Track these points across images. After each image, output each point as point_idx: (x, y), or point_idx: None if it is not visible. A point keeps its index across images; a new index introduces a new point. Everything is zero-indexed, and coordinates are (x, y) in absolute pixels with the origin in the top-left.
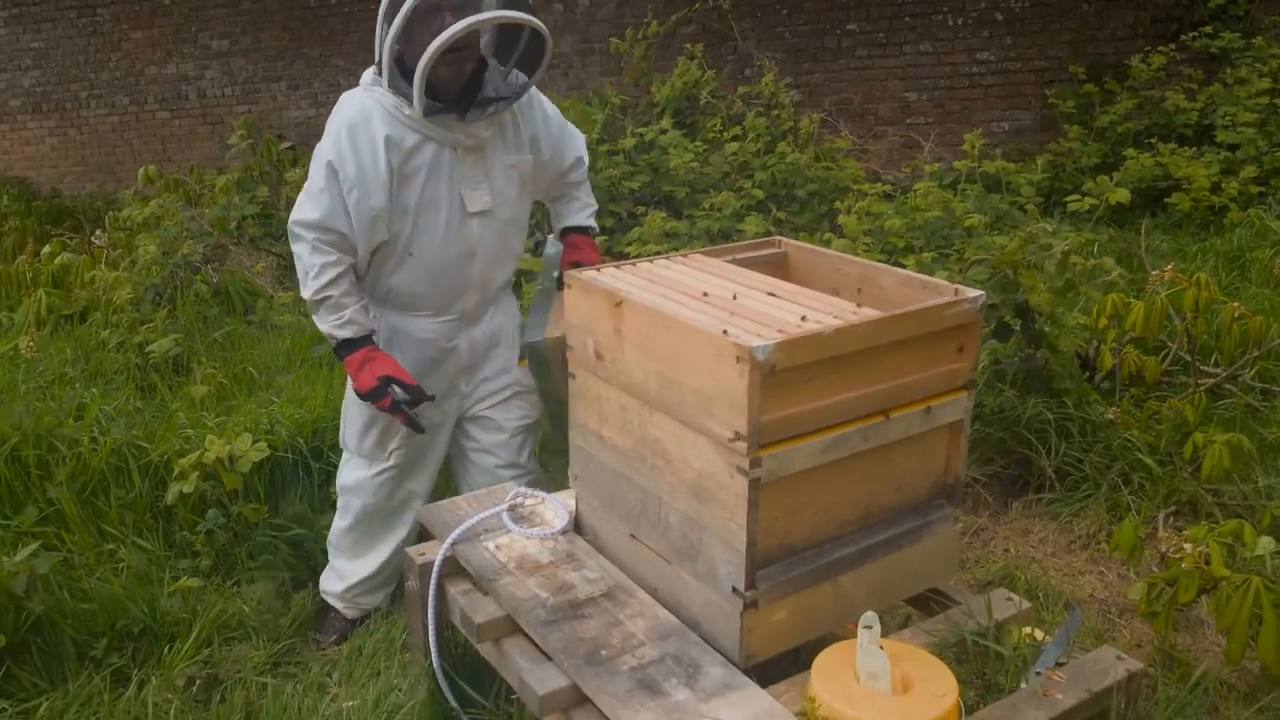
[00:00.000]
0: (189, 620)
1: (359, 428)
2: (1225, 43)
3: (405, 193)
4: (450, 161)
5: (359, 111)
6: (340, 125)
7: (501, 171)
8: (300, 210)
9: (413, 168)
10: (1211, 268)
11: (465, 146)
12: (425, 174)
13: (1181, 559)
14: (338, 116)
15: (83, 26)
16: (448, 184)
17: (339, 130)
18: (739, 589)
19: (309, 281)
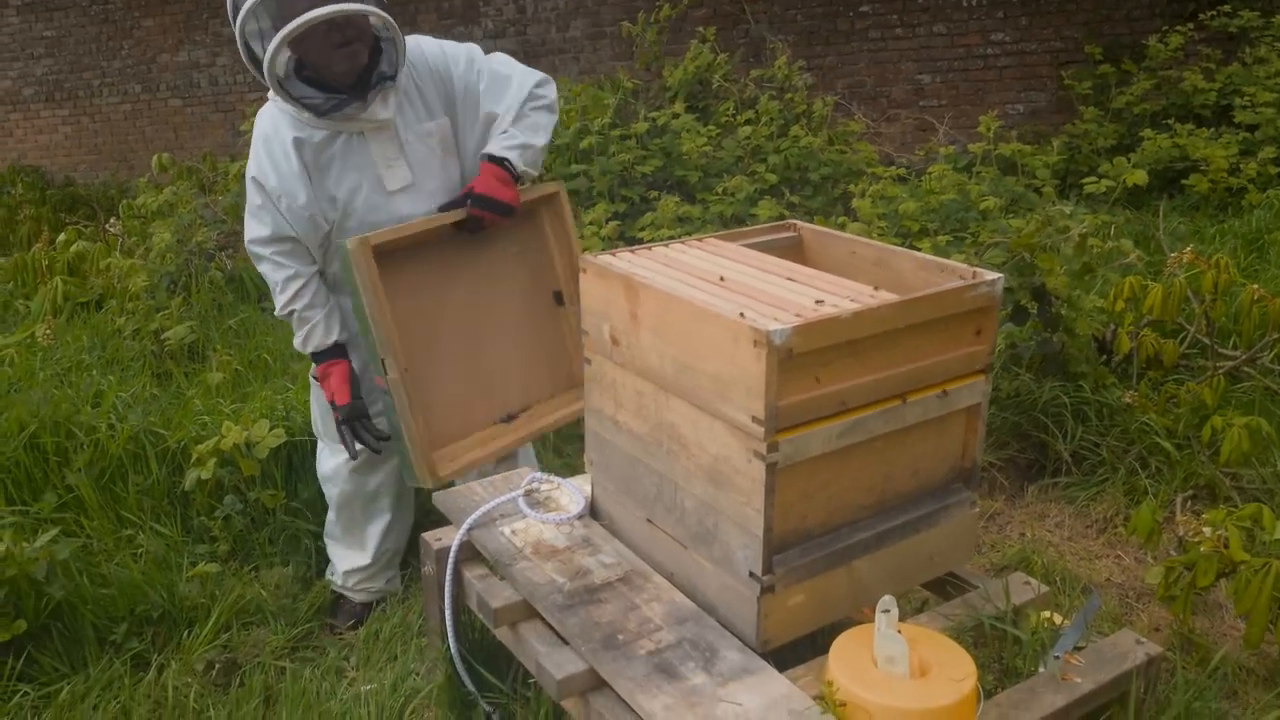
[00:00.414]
0: (207, 605)
1: (320, 414)
2: (1244, 22)
3: (326, 184)
4: (359, 145)
5: (269, 123)
6: (257, 141)
7: (418, 142)
8: (250, 230)
9: (326, 159)
10: (1230, 249)
11: (373, 128)
12: (339, 163)
13: (1200, 543)
14: (254, 133)
15: (95, 14)
16: (361, 168)
17: (256, 147)
18: (756, 573)
19: (276, 298)
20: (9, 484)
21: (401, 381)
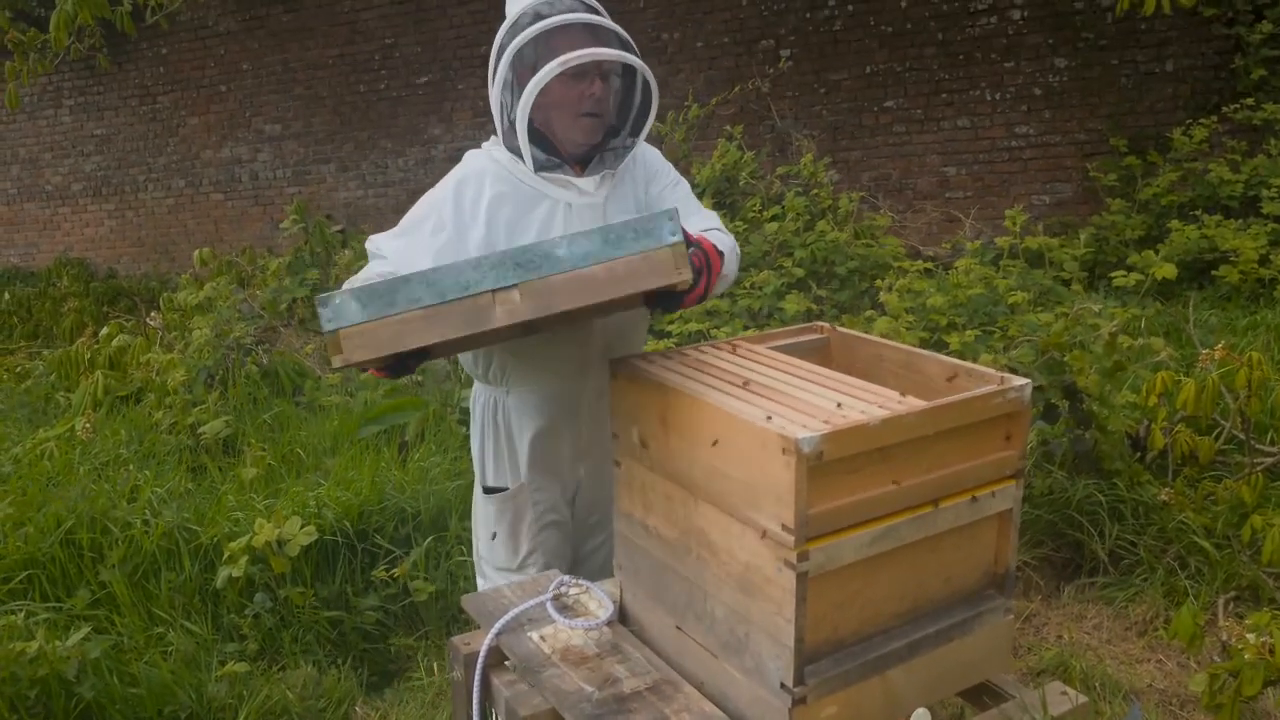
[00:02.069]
0: (235, 706)
1: (486, 536)
2: (1268, 114)
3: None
4: (565, 218)
5: (472, 168)
6: (452, 177)
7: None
8: (381, 236)
9: (526, 223)
10: (1263, 342)
11: (581, 203)
12: (538, 230)
13: (1244, 649)
14: (453, 172)
15: (143, 114)
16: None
17: (449, 181)
18: (787, 685)
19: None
20: (44, 580)
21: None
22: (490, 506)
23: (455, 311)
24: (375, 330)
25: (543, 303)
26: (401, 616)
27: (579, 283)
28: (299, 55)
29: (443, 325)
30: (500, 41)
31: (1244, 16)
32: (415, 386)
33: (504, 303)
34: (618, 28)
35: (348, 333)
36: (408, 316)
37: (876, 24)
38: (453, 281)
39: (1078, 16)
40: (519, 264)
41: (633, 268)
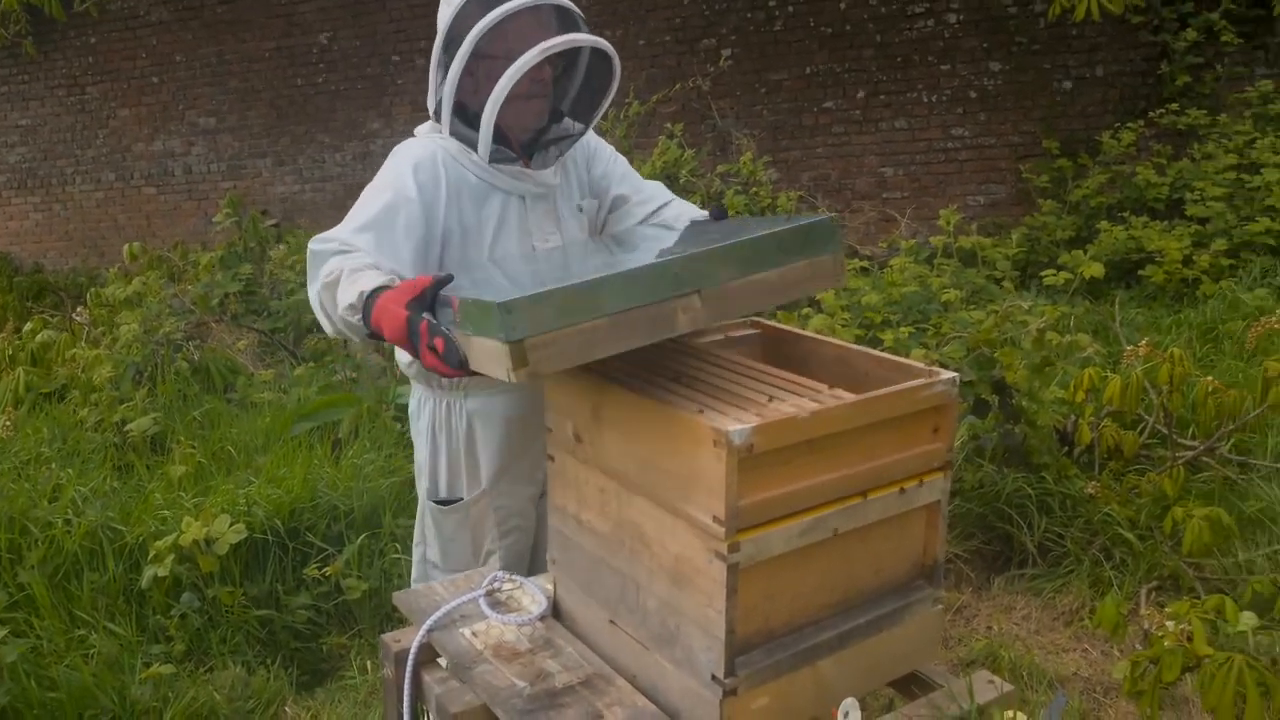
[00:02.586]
0: (159, 709)
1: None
2: (1192, 119)
3: (472, 247)
4: (519, 211)
5: (424, 152)
6: (403, 159)
7: (572, 218)
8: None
9: (481, 219)
10: (1186, 340)
11: (534, 195)
12: (495, 226)
13: (1164, 637)
14: (398, 155)
15: (71, 104)
16: (518, 235)
17: (400, 163)
18: (718, 676)
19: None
20: None
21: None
22: (445, 518)
23: (640, 319)
24: (564, 340)
25: (722, 309)
26: (334, 615)
27: (754, 288)
28: (234, 47)
29: (628, 334)
30: (451, 25)
31: (1170, 24)
32: (349, 383)
33: (686, 310)
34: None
35: (535, 342)
36: (595, 325)
37: (816, 25)
38: (635, 287)
39: (1011, 21)
40: (692, 269)
41: (800, 274)
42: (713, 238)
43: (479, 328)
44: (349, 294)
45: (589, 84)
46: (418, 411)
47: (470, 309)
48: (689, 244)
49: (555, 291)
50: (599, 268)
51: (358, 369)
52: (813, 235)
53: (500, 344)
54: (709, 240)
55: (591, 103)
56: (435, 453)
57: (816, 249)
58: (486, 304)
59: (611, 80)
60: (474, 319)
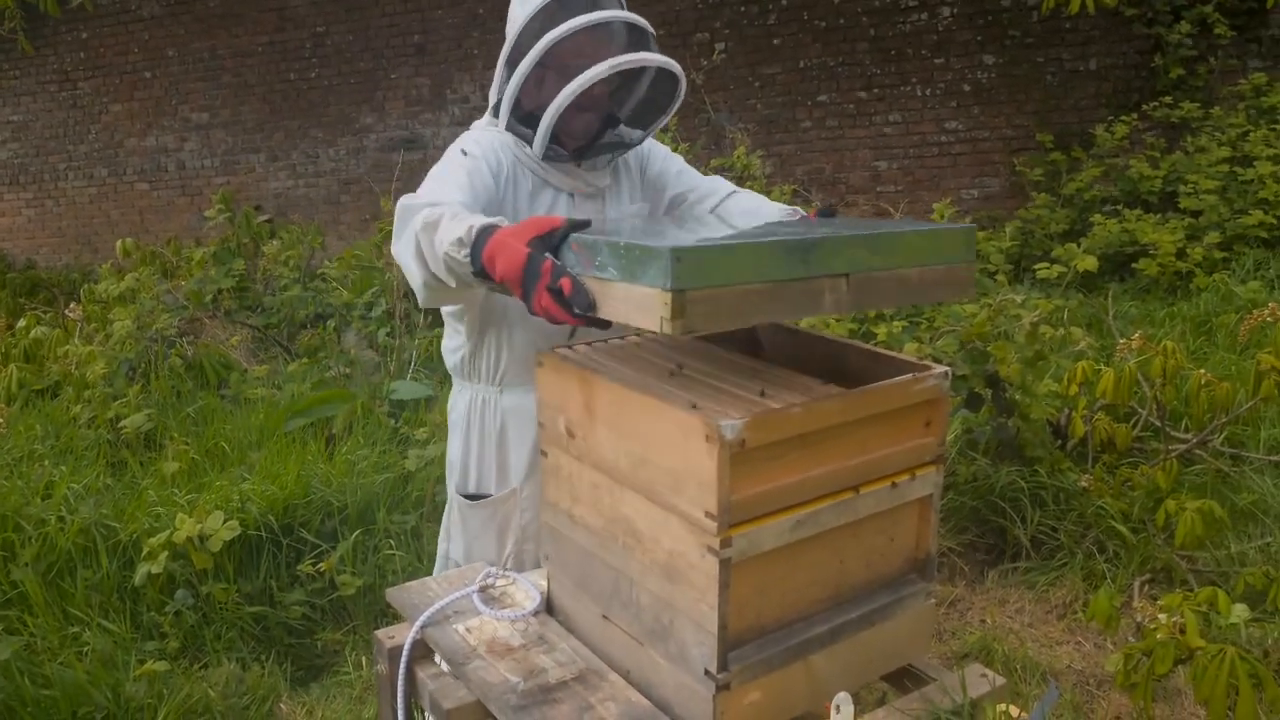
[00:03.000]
0: (154, 706)
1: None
2: (1185, 112)
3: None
4: (568, 208)
5: (484, 138)
6: (465, 143)
7: (622, 222)
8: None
9: (532, 209)
10: (1179, 333)
11: (584, 194)
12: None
13: (1157, 629)
14: (459, 142)
15: (63, 100)
16: None
17: (465, 144)
18: (711, 671)
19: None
20: None
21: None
22: (472, 513)
23: (793, 292)
24: (722, 298)
25: (862, 298)
26: (329, 611)
27: (894, 283)
28: (227, 42)
29: (779, 305)
30: (525, 27)
31: (1163, 17)
32: (343, 379)
33: (833, 291)
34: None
35: (696, 296)
36: (752, 289)
37: (810, 19)
38: (796, 259)
39: (1005, 14)
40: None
41: (937, 277)
42: (857, 227)
43: (631, 274)
44: (457, 229)
45: (651, 99)
46: (454, 405)
47: (625, 252)
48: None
49: (729, 247)
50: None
51: (351, 364)
52: (955, 241)
53: (660, 292)
54: (848, 229)
55: (650, 116)
56: (467, 447)
57: (957, 256)
58: (652, 249)
59: (674, 99)
60: (627, 264)
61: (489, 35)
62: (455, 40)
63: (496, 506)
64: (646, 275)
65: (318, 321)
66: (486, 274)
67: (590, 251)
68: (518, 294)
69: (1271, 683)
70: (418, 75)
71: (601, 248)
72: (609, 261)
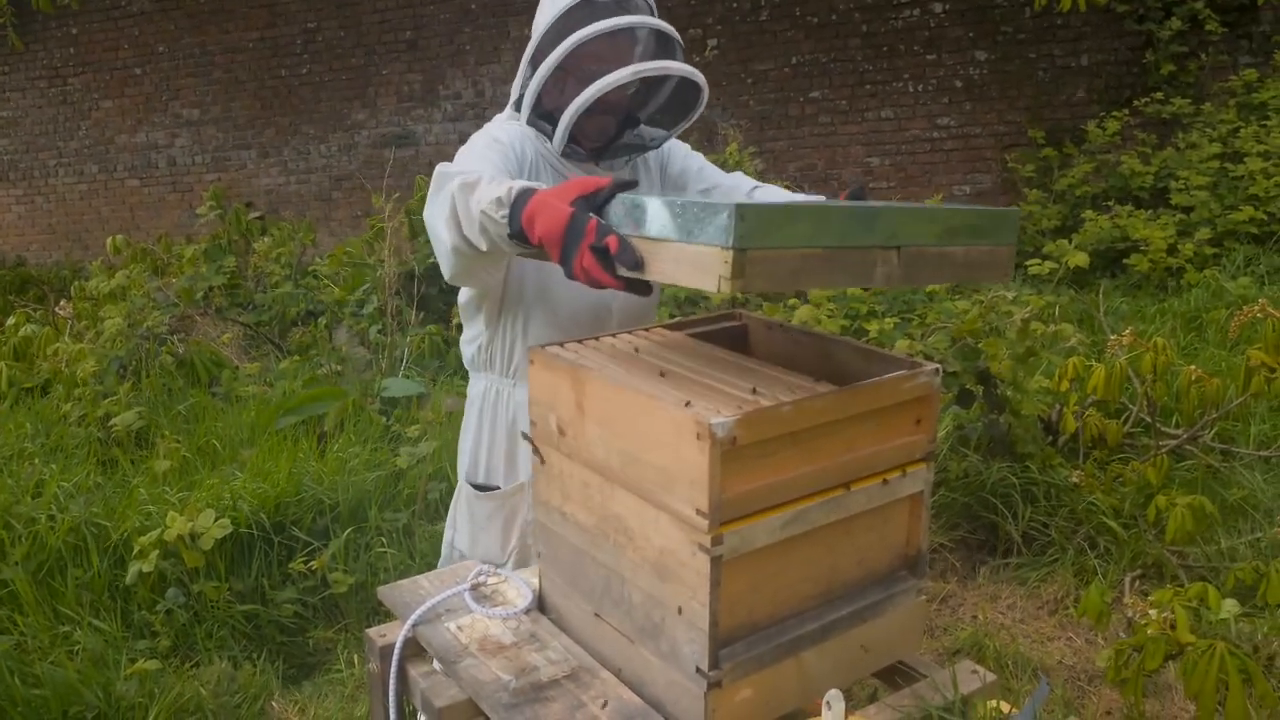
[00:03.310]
0: (145, 705)
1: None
2: (1176, 108)
3: None
4: None
5: (508, 128)
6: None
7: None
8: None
9: None
10: (1170, 329)
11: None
12: None
13: (1147, 625)
14: (481, 131)
15: (53, 96)
16: None
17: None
18: (702, 669)
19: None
20: None
21: None
22: (479, 504)
23: (848, 260)
24: (781, 260)
25: (912, 273)
26: (321, 609)
27: (942, 260)
28: (217, 38)
29: (834, 272)
30: (552, 25)
31: (1154, 13)
32: (334, 376)
33: (885, 263)
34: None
35: (757, 256)
36: (811, 253)
37: (802, 15)
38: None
39: (997, 10)
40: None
41: (981, 258)
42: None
43: (688, 232)
44: (496, 189)
45: (672, 104)
46: (470, 395)
47: (682, 210)
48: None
49: (791, 208)
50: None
51: (343, 362)
52: (1001, 223)
53: (720, 250)
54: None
55: (670, 120)
56: (479, 437)
57: (1002, 238)
58: (713, 204)
59: (696, 107)
60: (683, 221)
61: (481, 31)
62: (447, 36)
63: (504, 500)
64: (705, 233)
65: (309, 319)
66: (523, 236)
67: (640, 210)
68: (555, 255)
69: (1261, 678)
70: (409, 71)
71: (656, 204)
72: (662, 219)
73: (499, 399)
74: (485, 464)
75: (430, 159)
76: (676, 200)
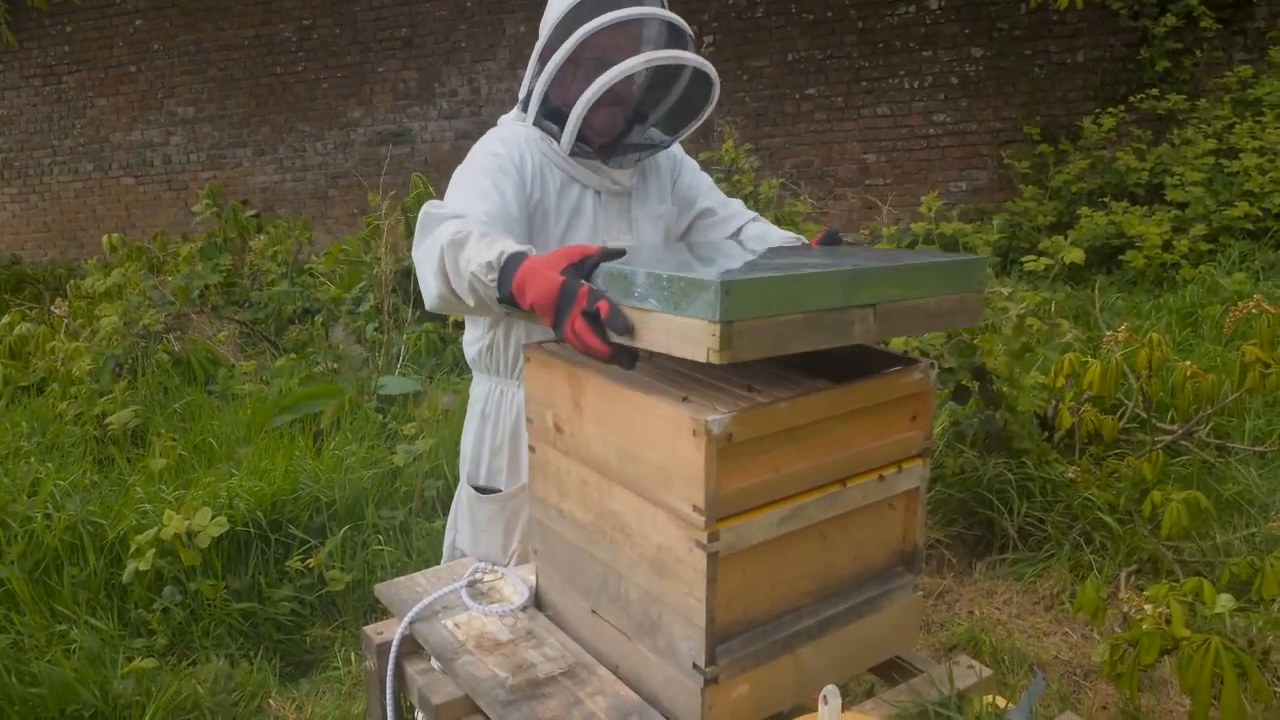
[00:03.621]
0: (142, 703)
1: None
2: (1171, 104)
3: (545, 235)
4: (594, 207)
5: (510, 134)
6: (490, 142)
7: (648, 221)
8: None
9: (558, 206)
10: (1165, 324)
11: (611, 192)
12: (569, 216)
13: (1143, 619)
14: (484, 140)
15: (47, 94)
16: (590, 231)
17: (489, 145)
18: (699, 665)
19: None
20: None
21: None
22: (480, 507)
23: (826, 322)
24: (765, 329)
25: (886, 327)
26: (318, 607)
27: (915, 313)
28: (213, 35)
29: (813, 334)
30: (562, 20)
31: (1149, 10)
32: (331, 374)
33: (862, 321)
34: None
35: (742, 327)
36: (792, 320)
37: (798, 11)
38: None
39: (993, 7)
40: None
41: (952, 306)
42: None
43: (675, 305)
44: (486, 252)
45: (684, 101)
46: (473, 395)
47: (669, 284)
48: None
49: (773, 280)
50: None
51: (339, 360)
52: (968, 271)
53: (708, 324)
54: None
55: (682, 119)
56: (481, 438)
57: (969, 285)
58: (700, 280)
59: (708, 102)
60: (670, 295)
61: (477, 28)
62: (443, 34)
63: (505, 502)
64: (693, 306)
65: (305, 317)
66: (514, 301)
67: (629, 282)
68: (548, 321)
69: (1255, 672)
70: (405, 69)
71: (642, 277)
72: (650, 292)
73: (502, 400)
74: (487, 466)
75: (426, 156)
76: (663, 274)
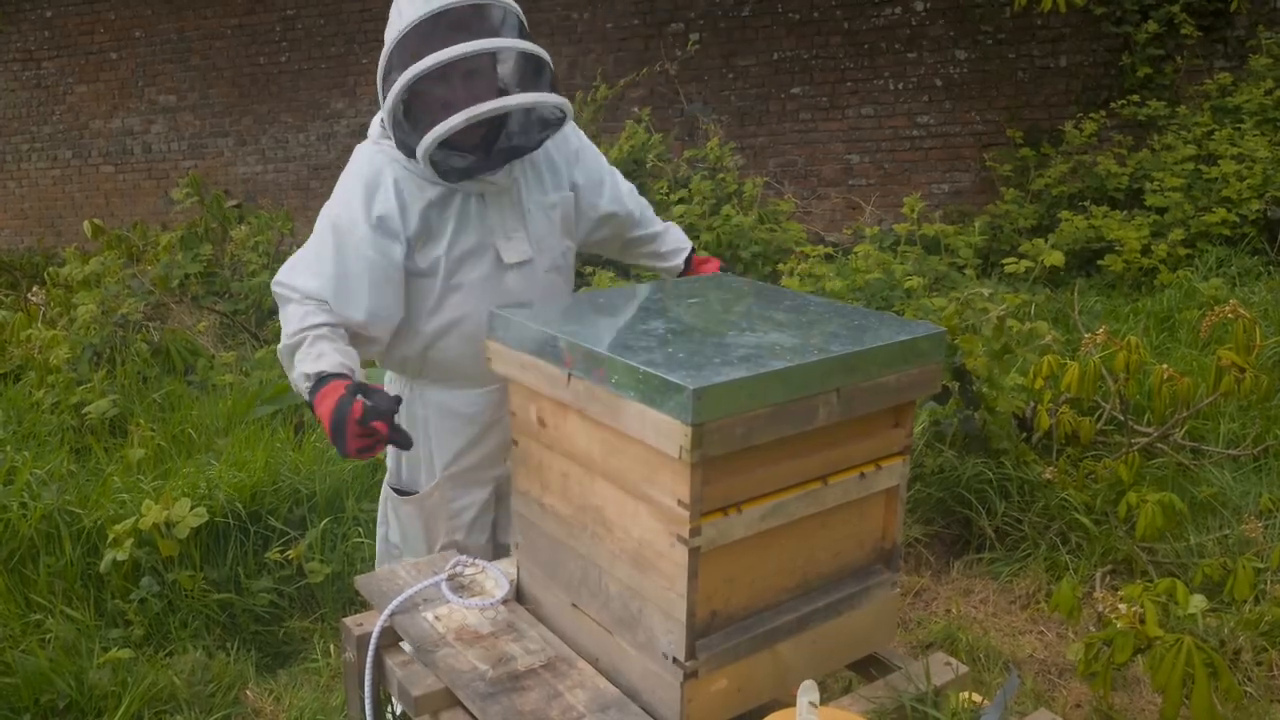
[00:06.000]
0: (118, 694)
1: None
2: (1152, 111)
3: (431, 249)
4: (479, 209)
5: (371, 169)
6: (352, 183)
7: (540, 213)
8: (294, 274)
9: (439, 221)
10: (1143, 328)
11: (494, 192)
12: (453, 227)
13: (1117, 619)
14: (349, 174)
15: (26, 79)
16: (479, 234)
17: (350, 189)
18: (679, 659)
19: (289, 325)
20: None
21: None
22: (402, 508)
23: (791, 411)
24: (733, 425)
25: (848, 407)
26: (297, 599)
27: (875, 390)
28: (196, 24)
29: (779, 424)
30: (391, 53)
31: (1131, 16)
32: None
33: (825, 405)
34: (531, 48)
35: (713, 427)
36: (758, 414)
37: (784, 11)
38: (795, 382)
39: (977, 10)
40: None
41: (910, 380)
42: (833, 333)
43: (650, 400)
44: (307, 365)
45: (536, 116)
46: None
47: (644, 379)
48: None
49: (741, 382)
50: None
51: None
52: (929, 345)
53: (681, 425)
54: (825, 332)
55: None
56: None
57: (928, 358)
58: (672, 384)
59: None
60: (645, 390)
61: None
62: None
63: (421, 503)
64: (666, 406)
65: None
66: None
67: (608, 368)
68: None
69: (1226, 672)
70: None
71: (622, 366)
72: (627, 383)
73: (413, 401)
74: (405, 467)
75: None
76: (639, 369)
